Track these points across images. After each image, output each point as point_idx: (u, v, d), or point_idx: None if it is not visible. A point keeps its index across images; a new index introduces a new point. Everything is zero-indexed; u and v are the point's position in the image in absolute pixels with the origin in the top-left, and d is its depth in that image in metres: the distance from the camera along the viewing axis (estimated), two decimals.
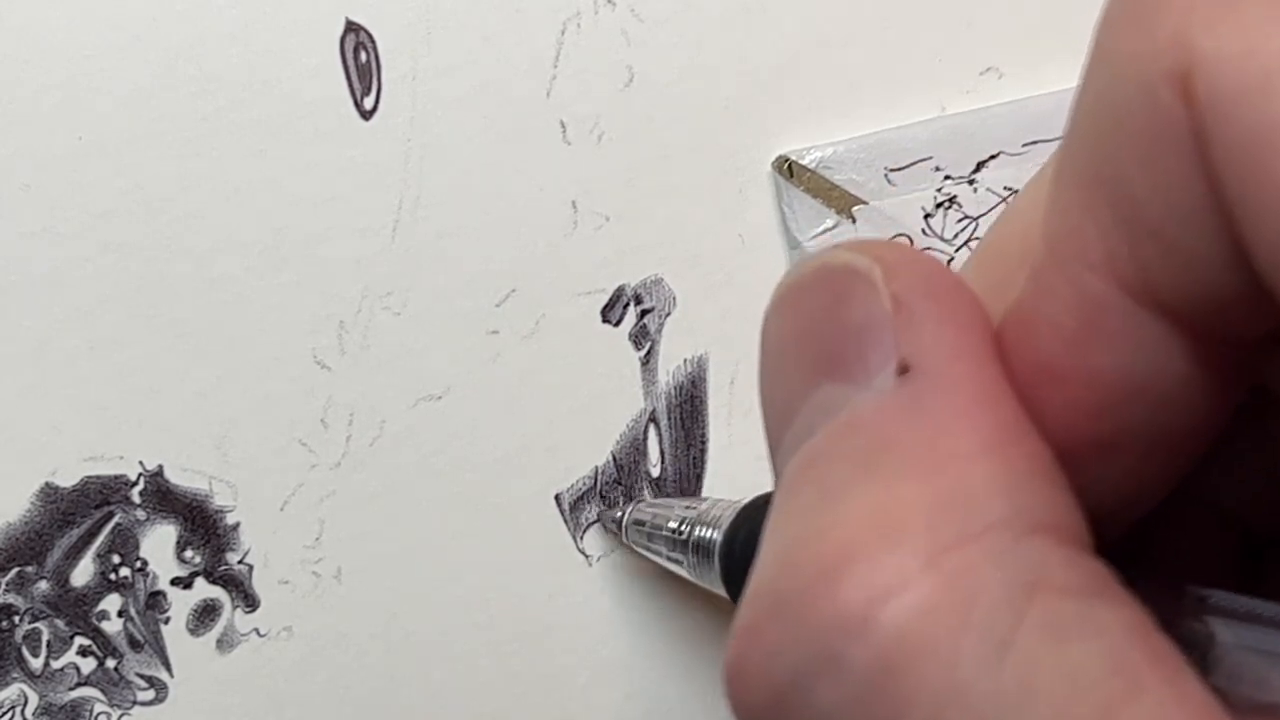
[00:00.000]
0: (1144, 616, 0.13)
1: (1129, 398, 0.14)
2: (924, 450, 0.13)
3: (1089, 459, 0.14)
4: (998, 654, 0.12)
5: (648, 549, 0.34)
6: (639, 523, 0.34)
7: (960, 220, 0.37)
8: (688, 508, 0.32)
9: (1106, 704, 0.12)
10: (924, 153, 0.36)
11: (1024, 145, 0.37)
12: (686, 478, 0.36)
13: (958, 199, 0.36)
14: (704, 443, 0.36)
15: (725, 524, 0.30)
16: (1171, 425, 0.14)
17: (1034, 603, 0.12)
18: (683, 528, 0.32)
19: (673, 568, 0.33)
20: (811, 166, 0.35)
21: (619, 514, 0.35)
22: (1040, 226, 0.14)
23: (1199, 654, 0.13)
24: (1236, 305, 0.13)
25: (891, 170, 0.36)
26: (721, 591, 0.31)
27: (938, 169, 0.36)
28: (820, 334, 0.15)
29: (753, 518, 0.30)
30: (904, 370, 0.14)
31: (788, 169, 0.35)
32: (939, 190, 0.36)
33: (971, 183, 0.36)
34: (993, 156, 0.37)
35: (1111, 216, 0.13)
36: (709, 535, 0.31)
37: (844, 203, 0.35)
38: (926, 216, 0.36)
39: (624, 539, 0.35)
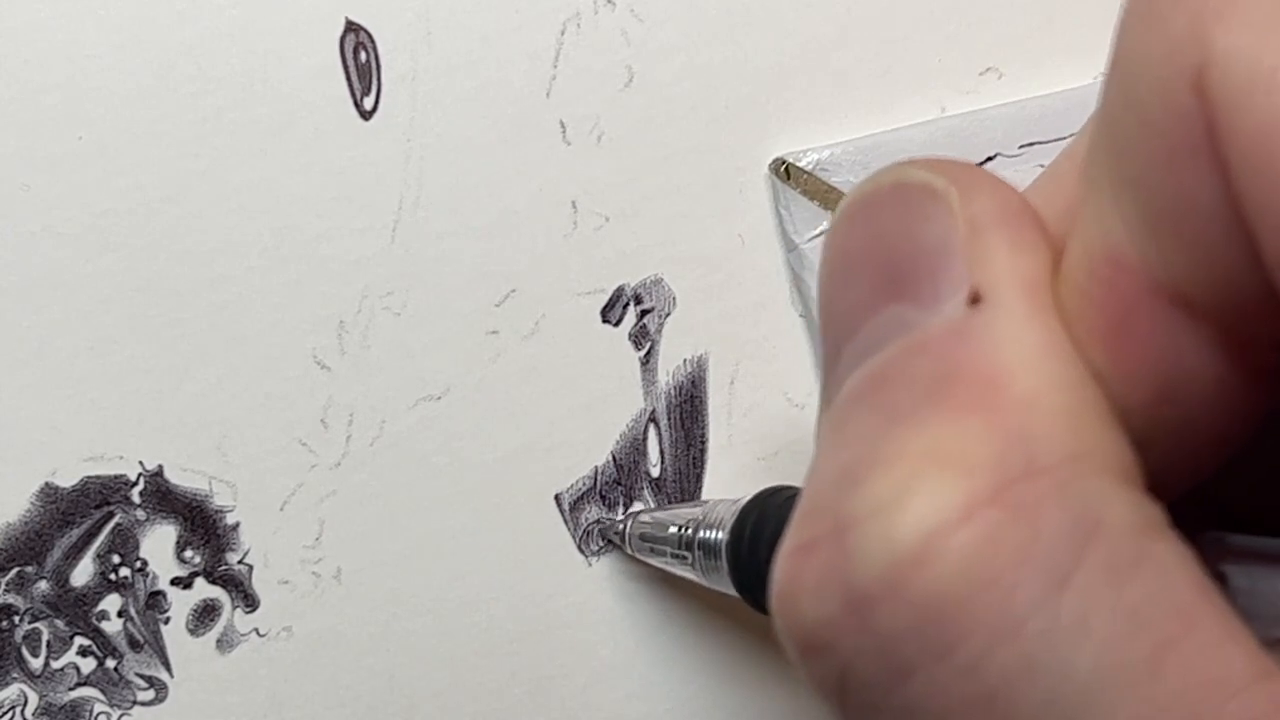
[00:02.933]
0: (1194, 558, 0.13)
1: (1160, 398, 0.14)
2: (992, 384, 0.13)
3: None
4: (1056, 590, 0.12)
5: (654, 559, 0.34)
6: (642, 536, 0.34)
7: None
8: (688, 513, 0.32)
9: (1160, 642, 0.12)
10: (921, 155, 0.36)
11: (1021, 147, 0.37)
12: (686, 477, 0.36)
13: None
14: (704, 442, 0.36)
15: (729, 524, 0.30)
16: (1201, 427, 0.14)
17: (1094, 541, 0.12)
18: (686, 533, 0.32)
19: (681, 573, 0.33)
20: (808, 169, 0.35)
21: (619, 525, 0.35)
22: (1071, 221, 0.14)
23: None
24: (1260, 307, 0.13)
25: None
26: (732, 592, 0.31)
27: None
28: (891, 252, 0.15)
29: (756, 513, 0.30)
30: (975, 299, 0.14)
31: (784, 171, 0.35)
32: None
33: None
34: (990, 158, 0.37)
35: (1138, 216, 0.13)
36: (714, 537, 0.31)
37: None
38: None
39: (628, 550, 0.35)
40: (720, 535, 0.30)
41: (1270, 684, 0.12)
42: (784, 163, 0.35)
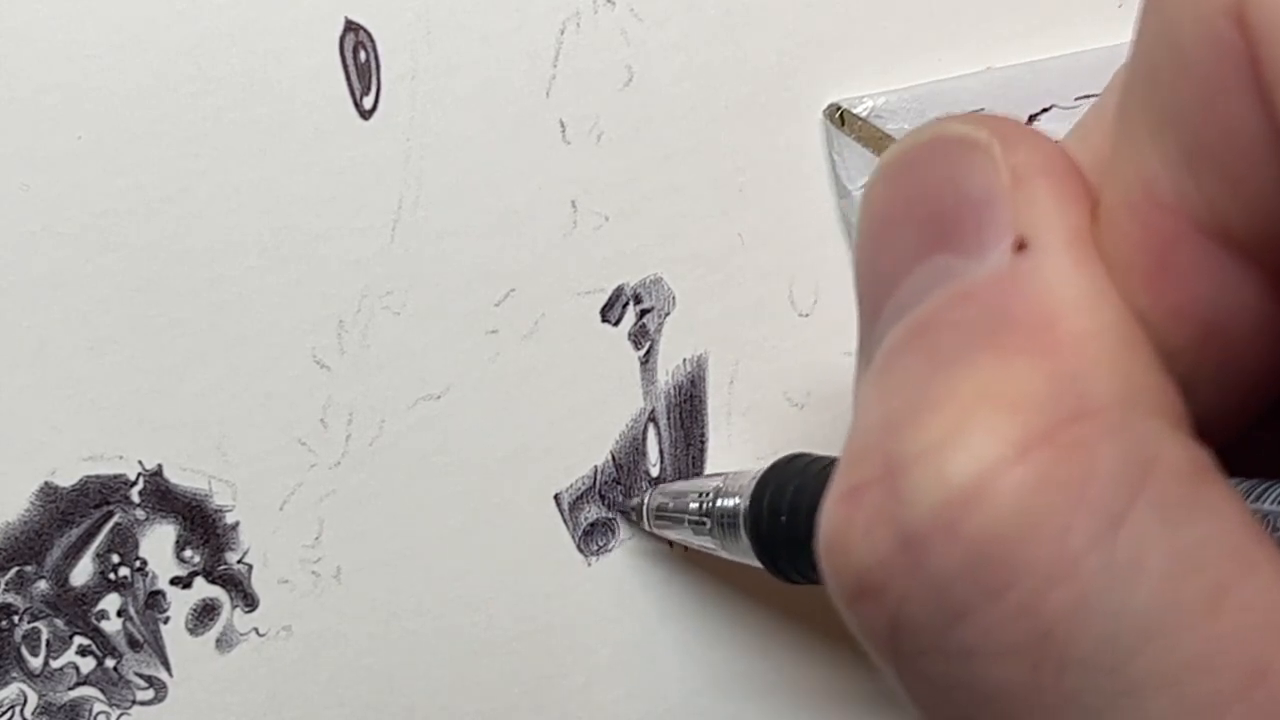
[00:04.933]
0: (1244, 502, 0.13)
1: (1205, 336, 0.14)
2: (1041, 326, 0.13)
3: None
4: (1110, 530, 0.12)
5: (673, 533, 0.33)
6: (660, 508, 0.34)
7: None
8: (706, 484, 0.32)
9: (1218, 583, 0.12)
10: (976, 104, 0.36)
11: (1077, 99, 0.36)
12: (685, 477, 0.36)
13: None
14: (703, 442, 0.36)
15: (748, 491, 0.30)
16: (1247, 365, 0.14)
17: (1148, 482, 0.12)
18: (705, 504, 0.32)
19: (700, 545, 0.33)
20: (863, 115, 0.35)
21: (636, 501, 0.35)
22: (1107, 165, 0.14)
23: None
24: None
25: None
26: (753, 561, 0.30)
27: None
28: (934, 204, 0.14)
29: (775, 481, 0.30)
30: (1021, 246, 0.14)
31: (839, 117, 0.35)
32: None
33: None
34: (1045, 109, 0.36)
35: (1178, 153, 0.13)
36: (733, 504, 0.31)
37: None
38: None
39: (646, 526, 0.34)
40: (739, 503, 0.30)
41: None
42: (839, 109, 0.35)
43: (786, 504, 0.29)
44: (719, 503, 0.31)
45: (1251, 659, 0.12)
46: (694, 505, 0.32)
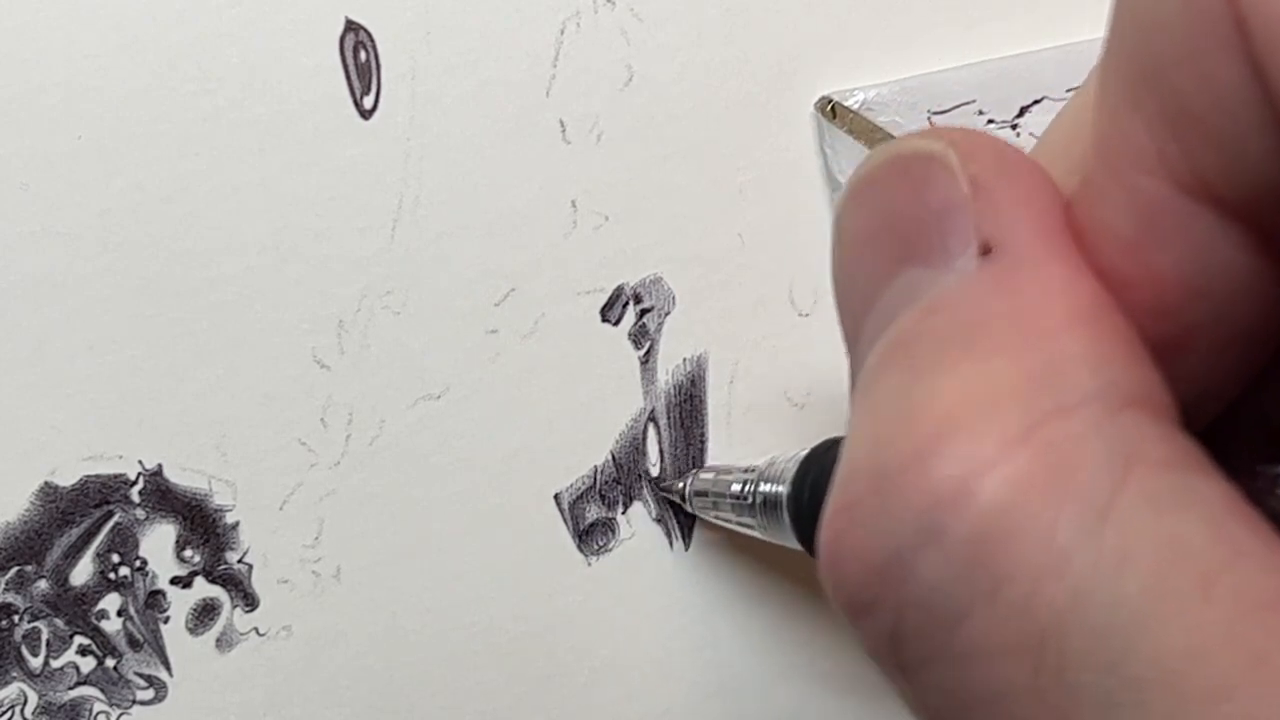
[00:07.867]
0: (1234, 490, 0.13)
1: (1193, 298, 0.14)
2: (1014, 326, 0.13)
3: (1155, 362, 0.14)
4: (1096, 524, 0.12)
5: (714, 515, 0.34)
6: (701, 493, 0.34)
7: None
8: (747, 469, 0.32)
9: (1206, 571, 0.12)
10: (968, 96, 0.36)
11: (1068, 90, 0.36)
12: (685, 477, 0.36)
13: None
14: (703, 442, 0.36)
15: (790, 476, 0.30)
16: (1238, 326, 0.14)
17: (1132, 474, 0.12)
18: (747, 489, 0.32)
19: (742, 529, 0.33)
20: (854, 108, 0.35)
21: (680, 484, 0.35)
22: (1089, 132, 0.14)
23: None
24: None
25: (935, 113, 0.36)
26: (794, 544, 0.31)
27: (981, 113, 0.36)
28: (898, 221, 0.15)
29: (817, 466, 0.30)
30: (986, 251, 0.14)
31: (831, 110, 0.35)
32: None
33: (1014, 127, 0.36)
34: (1036, 101, 0.36)
35: (1160, 115, 0.13)
36: (774, 490, 0.31)
37: None
38: None
39: (688, 509, 0.35)
40: (781, 489, 0.31)
41: None
42: (830, 101, 0.35)
43: (827, 493, 0.29)
44: (761, 488, 0.31)
45: (1248, 645, 0.12)
46: (735, 489, 0.32)
